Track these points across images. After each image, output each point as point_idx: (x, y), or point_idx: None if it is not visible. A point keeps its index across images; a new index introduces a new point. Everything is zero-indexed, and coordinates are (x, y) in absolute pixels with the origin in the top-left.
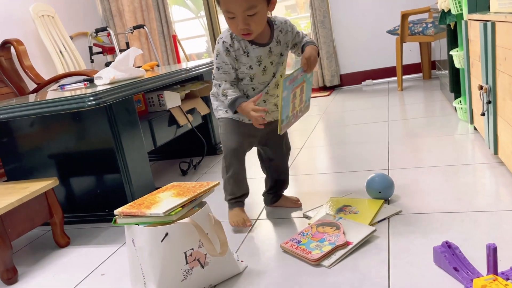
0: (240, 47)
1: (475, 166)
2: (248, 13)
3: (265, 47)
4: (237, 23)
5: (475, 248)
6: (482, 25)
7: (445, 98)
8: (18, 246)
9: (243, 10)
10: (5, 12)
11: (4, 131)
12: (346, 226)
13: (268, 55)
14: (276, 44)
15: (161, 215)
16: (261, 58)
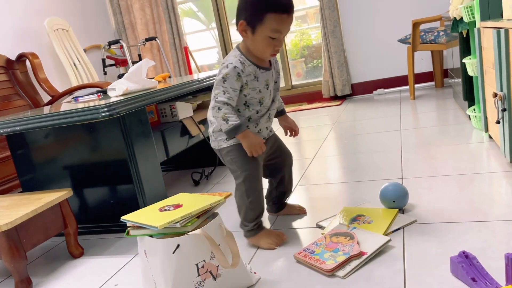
0: (251, 72)
1: (491, 174)
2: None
3: (269, 71)
4: (275, 43)
5: (493, 258)
6: (495, 32)
7: (459, 107)
8: (33, 257)
9: (288, 30)
10: (21, 26)
11: (19, 142)
12: (360, 236)
13: (271, 79)
14: (274, 70)
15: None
16: (267, 81)
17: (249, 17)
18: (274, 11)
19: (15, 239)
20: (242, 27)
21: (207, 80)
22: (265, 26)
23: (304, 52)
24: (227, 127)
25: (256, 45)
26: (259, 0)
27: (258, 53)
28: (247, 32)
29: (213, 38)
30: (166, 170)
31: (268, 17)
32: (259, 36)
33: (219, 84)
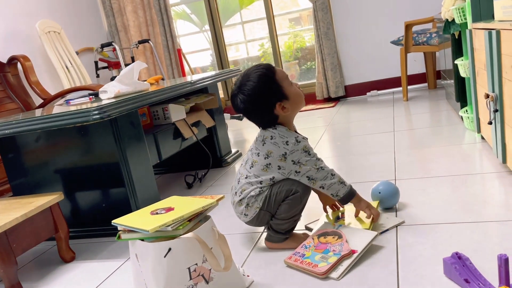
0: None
1: (484, 175)
2: None
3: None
4: (295, 87)
5: (486, 259)
6: (487, 33)
7: (451, 108)
8: (23, 262)
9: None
10: (12, 28)
11: (10, 146)
12: (348, 234)
13: None
14: None
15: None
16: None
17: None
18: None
19: (4, 244)
20: (280, 106)
21: (200, 82)
22: (282, 86)
23: (298, 54)
24: (347, 190)
25: (295, 101)
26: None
27: (298, 107)
28: (285, 106)
29: (206, 40)
30: (159, 173)
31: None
32: (291, 94)
33: (305, 158)
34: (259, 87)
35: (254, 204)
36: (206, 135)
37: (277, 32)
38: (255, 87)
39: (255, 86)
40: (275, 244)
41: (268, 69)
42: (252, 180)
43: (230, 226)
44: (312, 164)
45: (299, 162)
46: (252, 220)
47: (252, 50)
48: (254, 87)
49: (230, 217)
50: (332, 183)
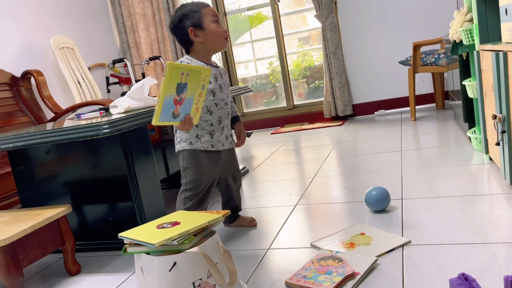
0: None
1: (491, 196)
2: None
3: (217, 68)
4: (221, 27)
5: (492, 281)
6: (494, 55)
7: (459, 128)
8: (30, 274)
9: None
10: (27, 44)
11: (20, 158)
12: (348, 258)
13: (221, 76)
14: (221, 73)
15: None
16: (216, 75)
17: (191, 22)
18: (203, 6)
19: (12, 255)
20: (193, 32)
21: None
22: (206, 18)
23: (306, 72)
24: None
25: (211, 37)
26: (191, 8)
27: (215, 44)
28: (198, 33)
29: (216, 58)
30: (166, 188)
31: (203, 12)
32: (208, 28)
33: None
34: (182, 11)
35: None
36: None
37: (286, 51)
38: (180, 10)
39: (180, 10)
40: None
41: (199, 2)
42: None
43: (235, 242)
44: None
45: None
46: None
47: (261, 68)
48: (179, 10)
49: (235, 233)
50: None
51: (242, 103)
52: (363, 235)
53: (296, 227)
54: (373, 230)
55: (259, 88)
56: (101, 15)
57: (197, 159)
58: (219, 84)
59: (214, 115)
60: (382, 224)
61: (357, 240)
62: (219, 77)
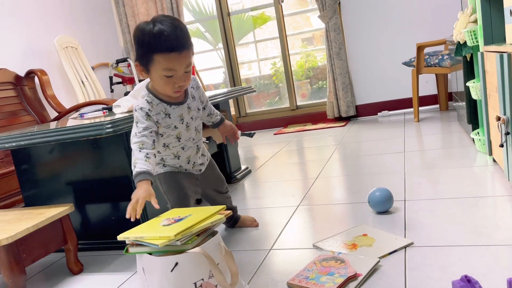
0: (161, 111)
1: (495, 198)
2: (186, 70)
3: (183, 104)
4: (174, 81)
5: (495, 283)
6: (498, 56)
7: (463, 130)
8: (32, 272)
9: (185, 67)
10: (31, 43)
11: (23, 157)
12: (350, 259)
13: (188, 111)
14: (192, 99)
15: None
16: (182, 116)
17: (139, 59)
18: (160, 51)
19: (15, 253)
20: (138, 68)
21: (213, 99)
22: (156, 66)
23: (310, 73)
24: (134, 173)
25: (156, 84)
26: (146, 43)
27: (162, 91)
28: (143, 72)
29: (219, 58)
30: None
31: (156, 58)
32: (155, 76)
33: (133, 129)
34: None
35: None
36: (216, 151)
37: (290, 51)
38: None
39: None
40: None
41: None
42: None
43: (237, 242)
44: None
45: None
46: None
47: (264, 68)
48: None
49: (237, 233)
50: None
51: (245, 104)
52: (365, 236)
53: (298, 228)
54: (376, 231)
55: (262, 88)
56: (105, 15)
57: (174, 179)
58: (185, 123)
59: (182, 158)
60: (384, 225)
61: (360, 241)
62: (186, 113)
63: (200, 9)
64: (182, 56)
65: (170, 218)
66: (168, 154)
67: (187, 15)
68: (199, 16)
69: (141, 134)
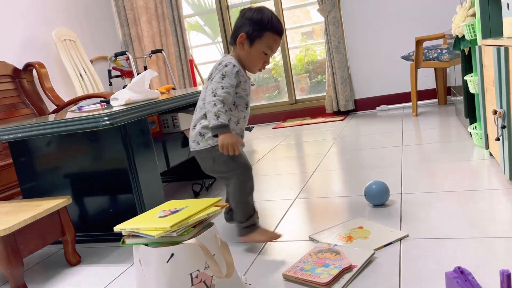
0: (243, 74)
1: (491, 192)
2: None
3: (249, 80)
4: (265, 59)
5: (489, 275)
6: (495, 50)
7: (461, 124)
8: (30, 264)
9: (276, 50)
10: (29, 36)
11: (21, 150)
12: (345, 251)
13: (249, 88)
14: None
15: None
16: (247, 90)
17: (250, 31)
18: (273, 31)
19: (12, 245)
20: (242, 39)
21: None
22: (262, 41)
23: (309, 67)
24: (215, 123)
25: (250, 57)
26: (263, 20)
27: (249, 65)
28: (244, 44)
29: (218, 51)
30: (167, 180)
31: (266, 34)
32: (255, 50)
33: (217, 81)
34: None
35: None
36: None
37: (289, 45)
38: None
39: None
40: (242, 237)
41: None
42: (200, 104)
43: (233, 234)
44: (214, 86)
45: (212, 79)
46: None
47: None
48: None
49: (234, 225)
50: (210, 110)
51: None
52: (361, 229)
53: (295, 220)
54: (372, 224)
55: (261, 82)
56: (104, 8)
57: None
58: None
59: (238, 126)
60: (381, 218)
61: (355, 233)
62: (249, 89)
63: (199, 2)
64: (280, 41)
65: (166, 210)
66: (234, 116)
67: (186, 8)
68: (198, 9)
69: (227, 90)
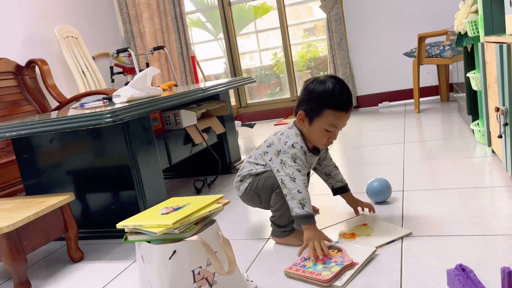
0: (310, 152)
1: (493, 189)
2: (342, 127)
3: (317, 156)
4: (330, 135)
5: (490, 272)
6: (498, 47)
7: (463, 121)
8: (33, 260)
9: (344, 124)
10: (32, 33)
11: (24, 147)
12: (347, 248)
13: (315, 162)
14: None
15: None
16: (311, 164)
17: (308, 109)
18: (333, 108)
19: (15, 241)
20: (301, 116)
21: (213, 89)
22: (322, 120)
23: (311, 63)
24: (300, 212)
25: (311, 135)
26: (321, 96)
27: (312, 141)
28: (304, 121)
29: (220, 48)
30: (169, 177)
31: (326, 112)
32: (315, 128)
33: (290, 163)
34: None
35: (246, 181)
36: (216, 141)
37: (291, 41)
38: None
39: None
40: (278, 238)
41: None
42: (251, 161)
43: (236, 231)
44: (290, 171)
45: (284, 163)
46: (243, 196)
47: (266, 59)
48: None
49: (236, 222)
50: (293, 197)
51: (246, 94)
52: (365, 226)
53: None
54: (375, 221)
55: (263, 79)
56: (106, 5)
57: None
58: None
59: None
60: (382, 215)
61: (359, 231)
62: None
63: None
64: (348, 115)
65: (168, 207)
66: None
67: (188, 5)
68: (200, 6)
69: (304, 172)
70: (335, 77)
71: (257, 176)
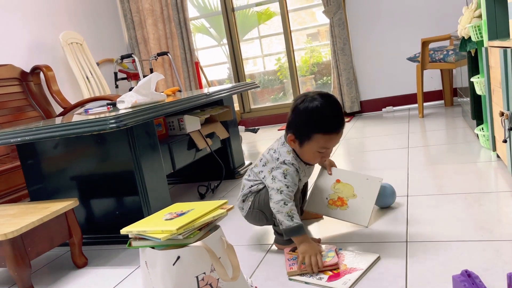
0: (300, 167)
1: (498, 194)
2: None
3: (312, 166)
4: (323, 155)
5: (496, 278)
6: (502, 51)
7: (467, 125)
8: (37, 266)
9: (337, 143)
10: (36, 39)
11: (29, 152)
12: (350, 257)
13: (310, 172)
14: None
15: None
16: (309, 174)
17: (297, 133)
18: (322, 132)
19: (20, 247)
20: (291, 139)
21: (215, 95)
22: (312, 143)
23: (314, 69)
24: (290, 225)
25: (304, 155)
26: (310, 120)
27: (305, 160)
28: (295, 143)
29: (224, 54)
30: (173, 182)
31: (316, 136)
32: (306, 150)
33: (280, 178)
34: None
35: (249, 200)
36: (220, 146)
37: (294, 47)
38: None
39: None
40: (281, 245)
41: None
42: (250, 179)
43: (240, 237)
44: (279, 185)
45: (274, 179)
46: (247, 216)
47: (269, 64)
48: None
49: (240, 228)
50: (279, 210)
51: (250, 99)
52: (341, 183)
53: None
54: (344, 173)
55: (266, 84)
56: (110, 11)
57: None
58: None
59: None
60: (387, 220)
61: (340, 191)
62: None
63: (204, 4)
64: (339, 135)
65: (172, 213)
66: None
67: (191, 10)
68: (204, 12)
69: (292, 189)
70: (324, 95)
71: (258, 193)
